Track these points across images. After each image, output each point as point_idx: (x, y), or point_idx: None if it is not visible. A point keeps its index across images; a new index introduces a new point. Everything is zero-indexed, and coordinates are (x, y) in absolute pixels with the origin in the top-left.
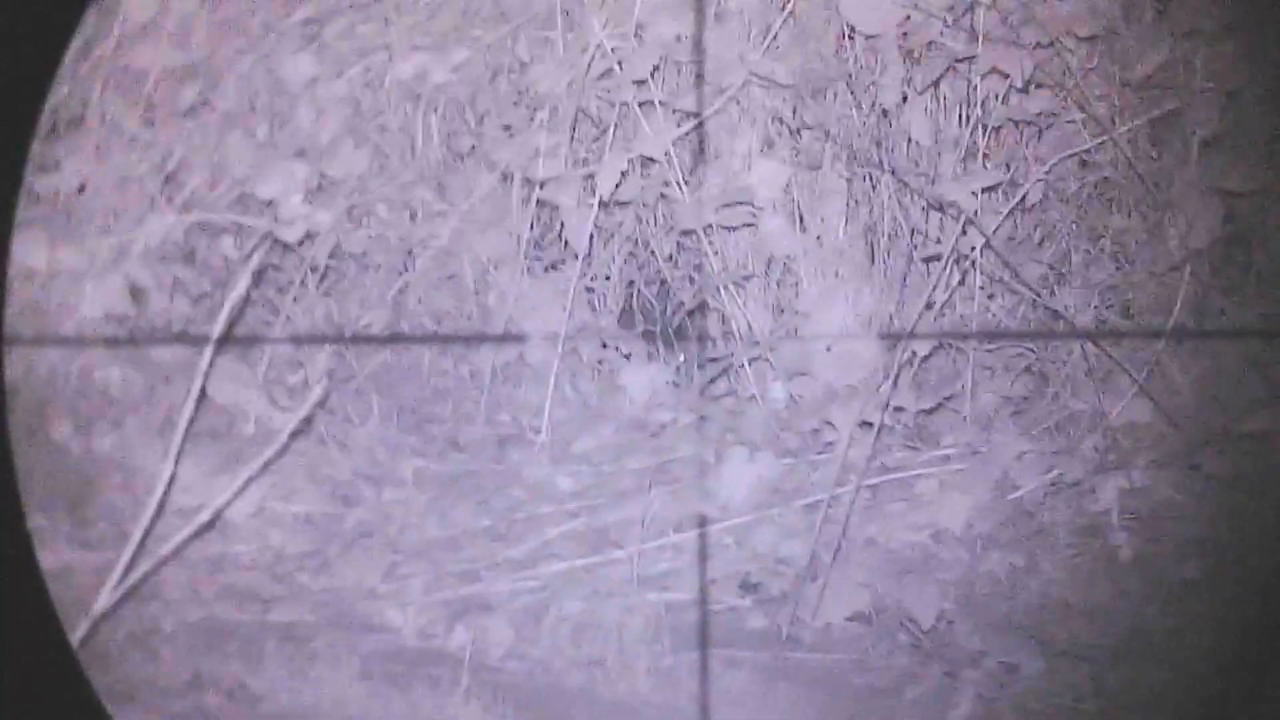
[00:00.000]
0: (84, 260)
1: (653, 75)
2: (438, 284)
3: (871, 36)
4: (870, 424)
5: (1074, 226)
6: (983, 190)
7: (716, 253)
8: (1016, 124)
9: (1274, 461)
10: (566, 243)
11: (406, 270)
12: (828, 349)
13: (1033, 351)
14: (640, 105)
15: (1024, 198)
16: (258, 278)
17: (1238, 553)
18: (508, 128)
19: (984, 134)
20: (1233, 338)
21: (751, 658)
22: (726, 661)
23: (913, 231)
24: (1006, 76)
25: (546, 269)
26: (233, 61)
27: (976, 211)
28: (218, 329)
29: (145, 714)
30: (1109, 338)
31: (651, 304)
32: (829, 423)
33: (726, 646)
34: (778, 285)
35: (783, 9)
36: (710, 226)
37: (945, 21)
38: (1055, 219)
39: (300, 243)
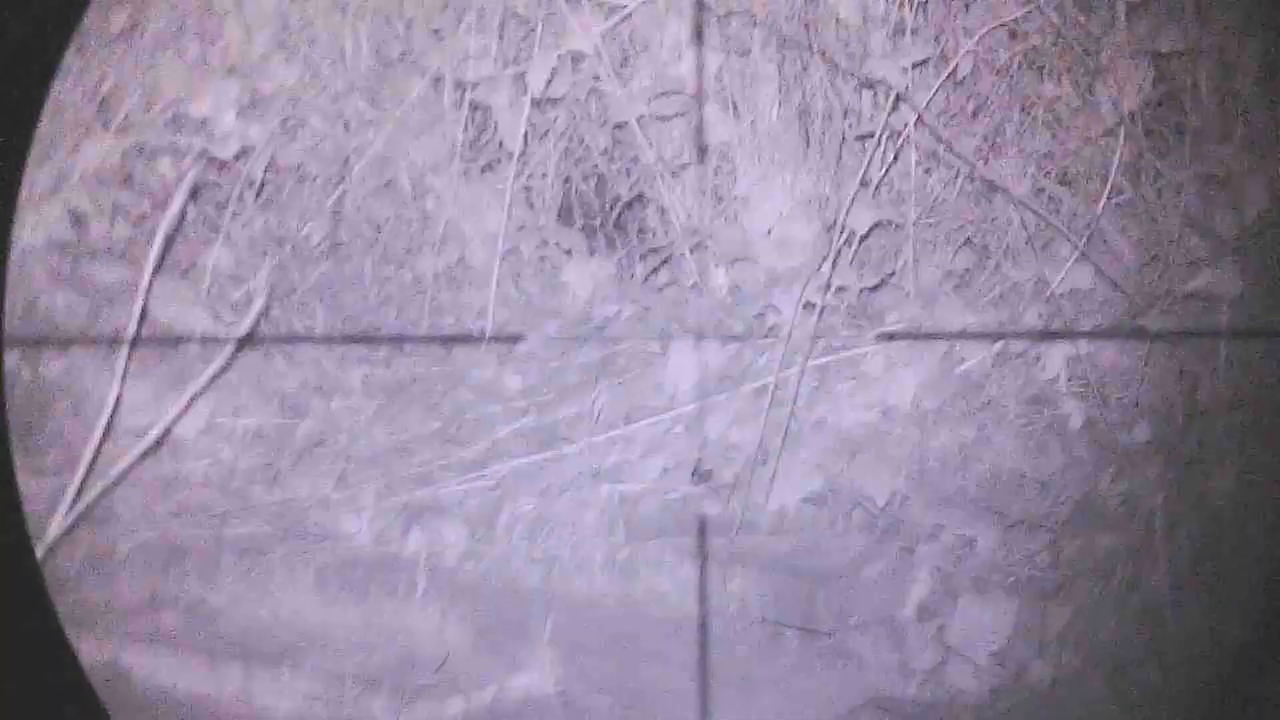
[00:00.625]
0: (23, 189)
1: None
2: (375, 192)
3: None
4: (813, 305)
5: (1006, 97)
6: (913, 66)
7: (651, 144)
8: None
9: (1217, 320)
10: (501, 143)
11: (343, 180)
12: (768, 233)
13: (973, 224)
14: (567, 1)
15: (954, 71)
16: (195, 195)
17: (1185, 415)
18: (436, 32)
19: (911, 9)
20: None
21: (707, 545)
22: (681, 550)
23: (845, 112)
24: None
25: (483, 170)
26: None
27: (908, 87)
28: (155, 248)
29: (104, 636)
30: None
31: (590, 199)
32: (772, 306)
33: (681, 535)
34: (714, 173)
35: None
36: (643, 118)
37: None
38: (987, 90)
39: (236, 158)
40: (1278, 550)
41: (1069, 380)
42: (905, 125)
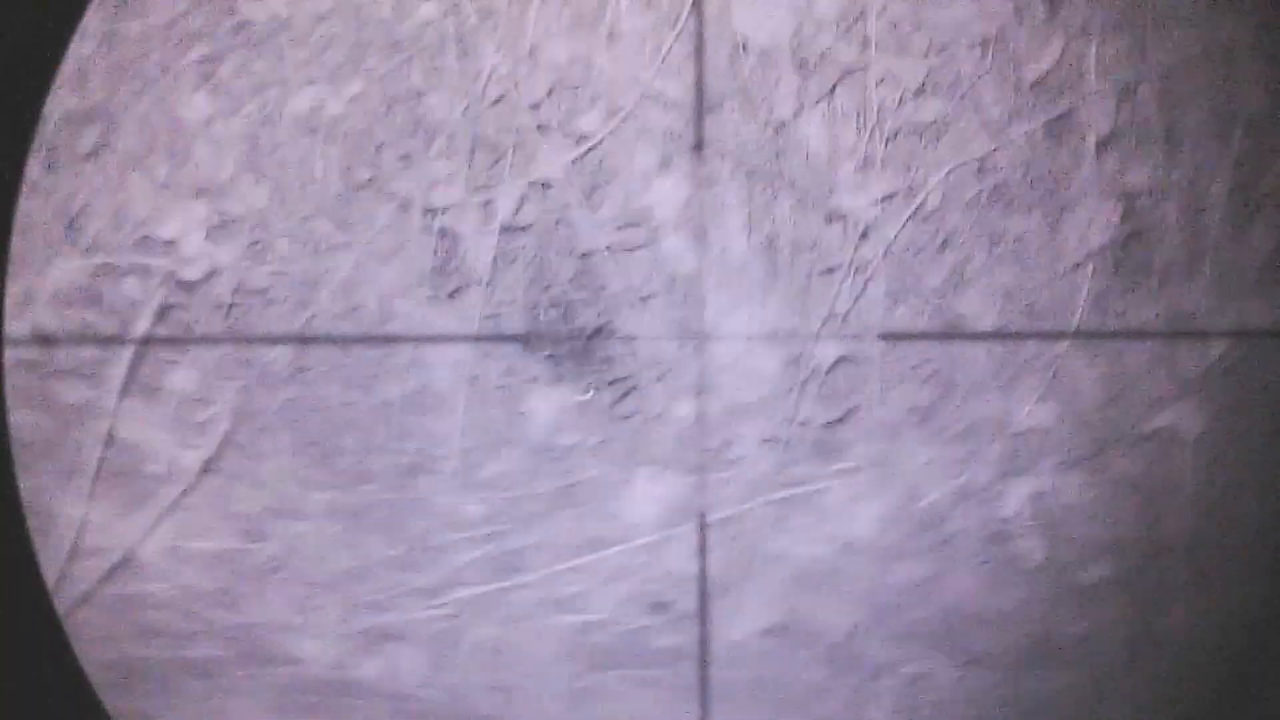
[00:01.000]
0: None
1: (548, 98)
2: (342, 316)
3: (765, 49)
4: (776, 438)
5: (973, 231)
6: (881, 199)
7: (618, 273)
8: (912, 131)
9: (1179, 460)
10: (468, 269)
11: (311, 304)
12: (733, 364)
13: (937, 358)
14: (537, 129)
15: (922, 204)
16: (162, 317)
17: (1146, 554)
18: (405, 157)
19: (880, 142)
20: (1134, 337)
21: (662, 677)
22: (637, 682)
23: (813, 243)
24: (899, 84)
25: (449, 296)
26: (130, 104)
27: (875, 220)
28: (122, 370)
29: None
30: (1013, 339)
31: (555, 327)
32: (735, 438)
33: (638, 666)
34: (681, 303)
35: (674, 26)
36: (611, 247)
37: (837, 30)
38: (954, 224)
39: (203, 280)
40: (1238, 689)
41: (1030, 517)
42: (873, 258)
